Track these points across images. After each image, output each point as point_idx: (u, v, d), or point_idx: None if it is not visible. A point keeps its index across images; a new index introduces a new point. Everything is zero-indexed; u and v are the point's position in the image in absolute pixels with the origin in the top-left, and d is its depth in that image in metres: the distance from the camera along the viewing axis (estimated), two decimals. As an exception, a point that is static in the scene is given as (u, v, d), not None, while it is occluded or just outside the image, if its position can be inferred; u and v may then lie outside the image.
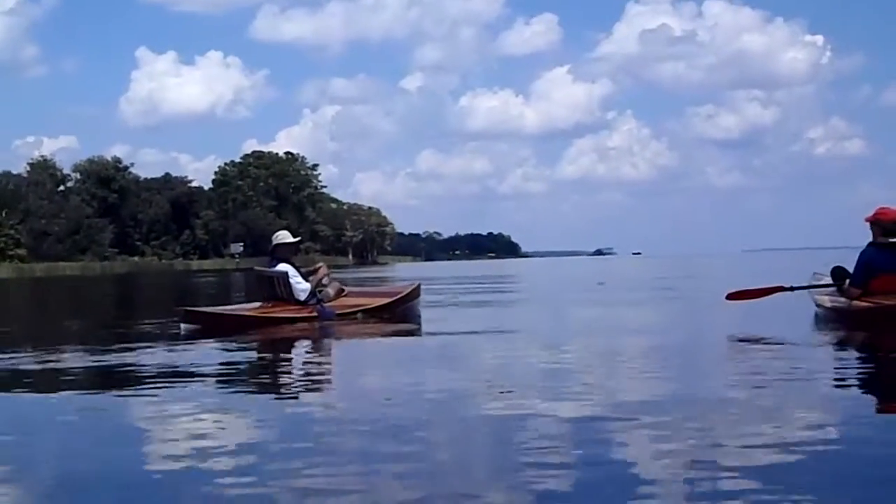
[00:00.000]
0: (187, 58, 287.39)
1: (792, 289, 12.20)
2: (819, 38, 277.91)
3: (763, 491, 3.84)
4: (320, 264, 13.97)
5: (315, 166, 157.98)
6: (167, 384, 7.56)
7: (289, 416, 6.14)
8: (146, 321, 14.97)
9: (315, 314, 12.78)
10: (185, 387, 7.44)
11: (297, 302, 12.93)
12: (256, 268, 14.14)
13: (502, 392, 6.63)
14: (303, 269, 13.35)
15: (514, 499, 3.97)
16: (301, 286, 12.98)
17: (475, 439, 5.33)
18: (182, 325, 12.39)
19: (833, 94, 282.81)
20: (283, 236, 13.71)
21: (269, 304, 13.06)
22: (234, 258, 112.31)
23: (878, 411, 5.95)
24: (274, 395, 7.26)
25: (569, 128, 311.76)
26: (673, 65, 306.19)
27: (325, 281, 13.43)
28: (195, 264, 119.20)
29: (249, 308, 13.31)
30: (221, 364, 9.00)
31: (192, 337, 11.66)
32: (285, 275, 12.96)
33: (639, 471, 4.28)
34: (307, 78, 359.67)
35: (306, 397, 6.99)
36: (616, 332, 12.13)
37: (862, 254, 10.69)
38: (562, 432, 5.22)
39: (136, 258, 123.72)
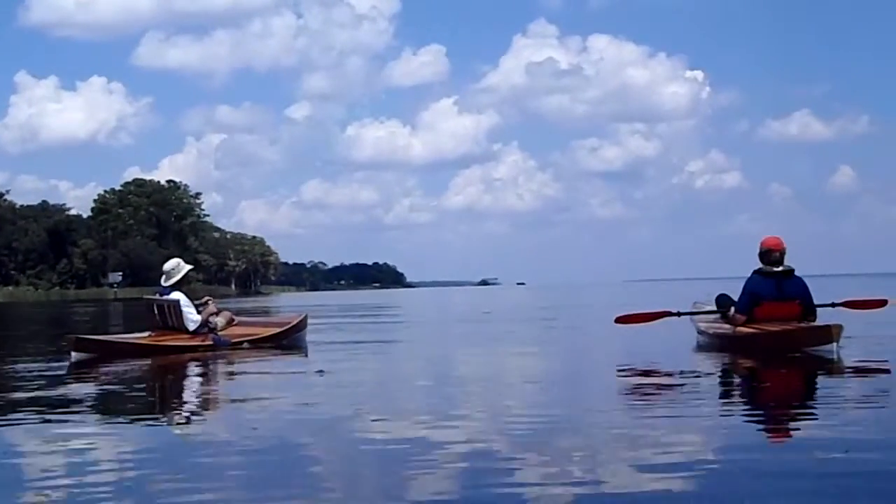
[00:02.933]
0: (69, 83, 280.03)
1: (679, 314, 12.40)
2: (699, 74, 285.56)
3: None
4: (206, 298, 13.76)
5: (198, 195, 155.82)
6: (47, 414, 7.31)
7: (162, 443, 6.08)
8: (23, 355, 14.45)
9: (208, 343, 12.77)
10: (66, 415, 7.27)
11: (187, 331, 12.81)
12: (146, 296, 13.98)
13: (375, 420, 6.60)
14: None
15: None
16: (193, 316, 12.90)
17: (334, 465, 5.25)
18: (73, 354, 12.06)
19: (712, 128, 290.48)
20: (178, 265, 13.43)
21: (158, 333, 12.95)
22: (112, 288, 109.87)
23: (762, 435, 5.97)
24: (152, 423, 7.11)
25: (455, 158, 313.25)
26: (558, 98, 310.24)
27: (213, 310, 13.35)
28: (72, 294, 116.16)
29: (140, 337, 13.13)
30: (105, 392, 8.88)
31: (80, 365, 11.43)
32: (178, 303, 12.83)
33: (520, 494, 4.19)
34: (192, 105, 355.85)
35: (183, 426, 6.98)
36: (501, 363, 12.05)
37: (747, 282, 10.91)
38: (432, 459, 5.15)
39: (10, 287, 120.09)
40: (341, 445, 5.82)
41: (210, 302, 13.56)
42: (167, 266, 13.38)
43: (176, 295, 12.94)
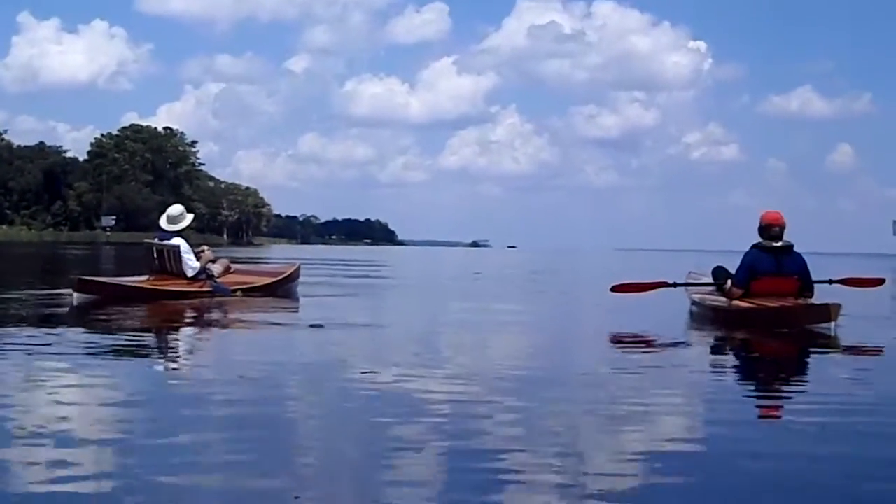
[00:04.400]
0: (71, 26, 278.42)
1: (675, 285, 12.39)
2: (702, 45, 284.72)
3: (629, 491, 3.76)
4: (203, 247, 13.77)
5: (194, 143, 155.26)
6: (36, 353, 7.29)
7: (146, 386, 6.07)
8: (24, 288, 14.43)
9: (207, 289, 12.91)
10: (56, 354, 7.25)
11: (186, 277, 12.90)
12: (146, 240, 13.99)
13: (364, 372, 6.59)
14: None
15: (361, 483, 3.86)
16: (192, 263, 13.01)
17: (321, 418, 5.24)
18: (75, 295, 12.13)
19: (712, 100, 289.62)
20: (183, 212, 13.42)
21: (156, 277, 13.03)
22: (105, 231, 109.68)
23: (754, 412, 5.92)
24: (139, 366, 7.16)
25: (453, 119, 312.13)
26: (559, 62, 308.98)
27: (210, 257, 13.52)
28: (65, 235, 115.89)
29: (140, 280, 13.18)
30: (98, 334, 8.87)
31: (81, 306, 11.55)
32: (178, 248, 12.89)
33: (505, 461, 4.13)
34: (192, 54, 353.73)
35: (171, 370, 7.04)
36: (491, 323, 12.01)
37: (746, 255, 10.88)
38: (418, 412, 5.16)
39: (4, 227, 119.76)
40: (327, 395, 5.84)
41: (207, 249, 13.59)
42: (172, 210, 13.41)
43: (177, 240, 13.02)
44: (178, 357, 8.01)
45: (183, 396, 5.70)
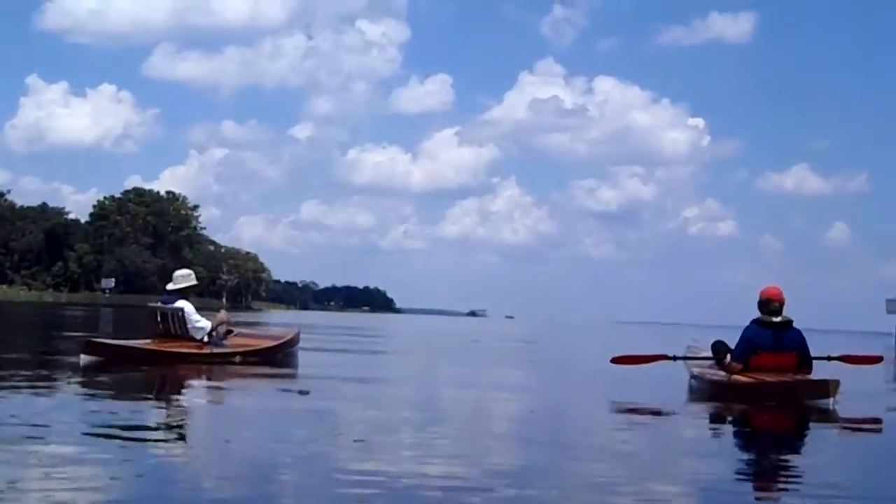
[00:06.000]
0: (79, 89, 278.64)
1: (675, 358, 12.43)
2: (700, 122, 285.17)
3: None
4: (222, 310, 13.97)
5: (196, 207, 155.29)
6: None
7: (140, 460, 5.93)
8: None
9: (213, 352, 12.96)
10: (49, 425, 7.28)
11: (192, 339, 12.93)
12: (150, 304, 14.03)
13: (355, 441, 6.67)
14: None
15: None
16: (200, 324, 13.04)
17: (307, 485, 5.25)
18: (82, 356, 12.17)
19: (709, 176, 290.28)
20: (189, 275, 13.58)
21: (160, 340, 13.01)
22: (104, 293, 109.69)
23: (753, 486, 5.96)
24: (134, 436, 7.00)
25: (453, 189, 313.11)
26: (560, 136, 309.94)
27: (224, 318, 13.72)
28: (65, 297, 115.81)
29: (145, 343, 13.12)
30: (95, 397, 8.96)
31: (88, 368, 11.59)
32: (182, 311, 12.94)
33: None
34: (198, 119, 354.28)
35: (164, 442, 6.91)
36: (490, 393, 12.04)
37: (745, 330, 10.95)
38: (405, 489, 5.10)
39: (4, 287, 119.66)
40: (314, 469, 5.80)
41: (224, 312, 13.83)
42: (179, 273, 13.52)
43: (181, 303, 13.06)
44: (169, 423, 7.97)
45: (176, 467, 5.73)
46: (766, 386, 10.41)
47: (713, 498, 5.25)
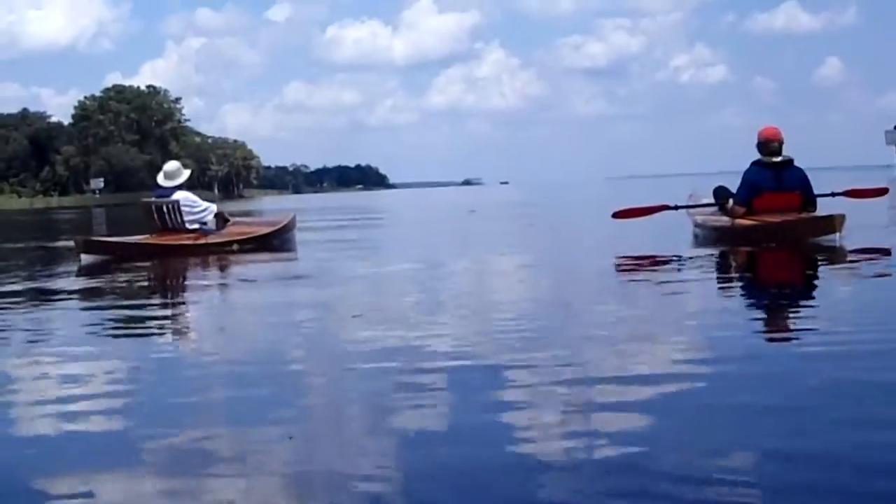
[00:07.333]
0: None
1: (676, 207, 12.30)
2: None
3: (635, 426, 3.53)
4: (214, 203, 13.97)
5: (178, 99, 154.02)
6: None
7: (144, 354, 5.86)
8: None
9: (212, 241, 13.02)
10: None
11: (189, 231, 12.92)
12: (144, 199, 14.01)
13: (354, 316, 6.61)
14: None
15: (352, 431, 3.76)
16: (201, 214, 13.15)
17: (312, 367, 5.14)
18: (82, 256, 12.15)
19: (697, 21, 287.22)
20: (179, 168, 13.48)
21: (158, 235, 13.00)
22: (94, 194, 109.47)
23: (762, 333, 5.81)
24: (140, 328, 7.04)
25: (437, 58, 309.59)
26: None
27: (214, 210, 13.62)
28: (55, 201, 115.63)
29: (143, 238, 13.15)
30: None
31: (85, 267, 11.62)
32: (177, 203, 12.89)
33: (509, 414, 3.80)
34: (172, 10, 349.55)
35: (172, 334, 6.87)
36: (493, 258, 11.96)
37: (746, 173, 10.79)
38: (415, 363, 4.86)
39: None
40: (322, 345, 5.75)
41: (214, 204, 13.80)
42: (168, 167, 13.43)
43: (178, 195, 12.98)
44: (176, 313, 8.05)
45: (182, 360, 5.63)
46: (770, 227, 10.29)
47: (726, 354, 5.10)
